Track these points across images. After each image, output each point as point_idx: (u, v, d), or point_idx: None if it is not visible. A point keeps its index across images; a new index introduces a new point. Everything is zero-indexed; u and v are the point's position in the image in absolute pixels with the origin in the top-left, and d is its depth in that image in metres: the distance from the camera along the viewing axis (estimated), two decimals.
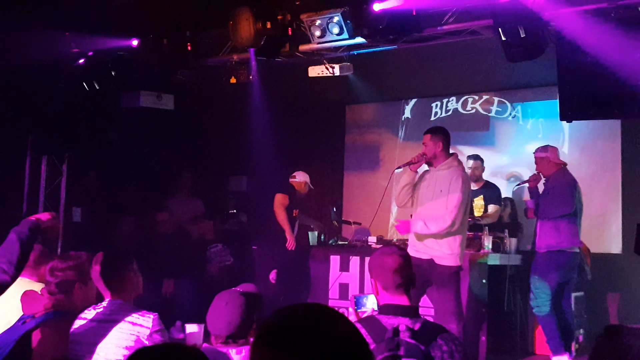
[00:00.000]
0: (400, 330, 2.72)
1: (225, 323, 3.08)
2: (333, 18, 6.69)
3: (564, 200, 6.57)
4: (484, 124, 9.16)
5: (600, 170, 8.22)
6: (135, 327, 3.41)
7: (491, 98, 9.13)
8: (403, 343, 2.68)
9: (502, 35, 5.83)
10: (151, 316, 3.47)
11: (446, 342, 2.75)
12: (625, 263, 7.73)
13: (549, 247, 6.54)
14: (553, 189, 6.66)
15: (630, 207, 7.83)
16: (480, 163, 8.04)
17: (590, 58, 5.49)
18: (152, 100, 8.57)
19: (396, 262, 2.95)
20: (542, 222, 6.67)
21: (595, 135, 8.27)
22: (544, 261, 6.56)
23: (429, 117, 9.52)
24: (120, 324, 3.43)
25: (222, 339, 3.09)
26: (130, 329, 3.41)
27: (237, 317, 3.08)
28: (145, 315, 3.47)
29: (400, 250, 3.06)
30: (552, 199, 6.62)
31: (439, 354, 2.71)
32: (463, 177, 6.00)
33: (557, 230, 6.54)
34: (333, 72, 7.55)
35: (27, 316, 3.57)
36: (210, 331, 3.17)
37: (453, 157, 6.12)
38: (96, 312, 3.51)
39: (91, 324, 3.47)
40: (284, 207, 7.82)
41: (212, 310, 3.16)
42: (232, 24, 6.99)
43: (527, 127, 8.84)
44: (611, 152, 8.18)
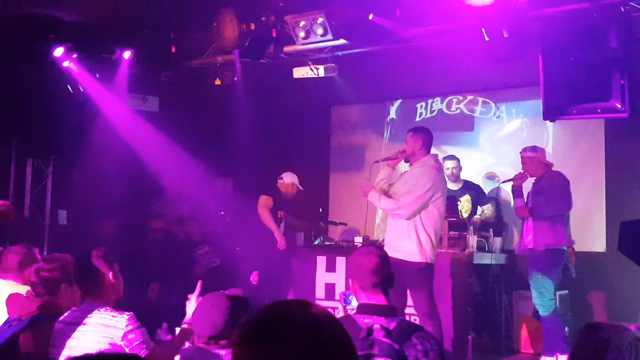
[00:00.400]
0: (374, 329, 2.72)
1: (209, 324, 3.08)
2: (317, 19, 6.71)
3: (564, 199, 6.60)
4: (469, 124, 9.20)
5: (584, 169, 8.27)
6: (109, 329, 3.37)
7: (475, 98, 9.17)
8: (377, 342, 2.68)
9: (485, 36, 5.86)
10: (125, 316, 3.43)
11: (421, 341, 2.74)
12: (609, 261, 7.78)
13: (548, 246, 6.53)
14: (550, 188, 6.65)
15: (614, 205, 7.89)
16: (457, 163, 8.08)
17: (574, 58, 5.53)
18: (137, 102, 8.56)
19: (372, 262, 2.96)
20: (538, 222, 6.63)
21: (579, 135, 8.33)
22: (544, 259, 6.54)
23: (414, 118, 9.55)
24: (94, 327, 3.39)
25: (205, 339, 3.09)
26: (103, 331, 3.37)
27: (222, 319, 3.08)
28: (118, 316, 3.43)
29: (377, 249, 3.06)
30: (549, 198, 6.61)
31: (414, 353, 2.71)
32: (433, 176, 5.97)
33: (554, 229, 6.55)
34: (318, 73, 7.57)
35: (12, 319, 3.55)
36: (195, 332, 3.17)
37: (430, 156, 6.12)
38: (74, 315, 3.47)
39: (66, 326, 3.43)
40: (267, 208, 7.84)
41: (198, 311, 3.17)
42: (216, 26, 7.00)
43: (511, 127, 8.89)
44: (595, 151, 8.23)
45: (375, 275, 2.93)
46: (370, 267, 2.94)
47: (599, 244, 8.03)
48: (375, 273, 2.94)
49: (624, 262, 6.12)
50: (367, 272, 2.94)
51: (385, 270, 2.97)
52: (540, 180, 6.78)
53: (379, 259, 2.98)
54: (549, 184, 6.70)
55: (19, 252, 4.37)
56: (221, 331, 3.08)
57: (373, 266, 2.94)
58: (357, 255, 3.05)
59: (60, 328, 3.46)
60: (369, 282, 2.94)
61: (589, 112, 5.93)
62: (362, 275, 2.95)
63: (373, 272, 2.94)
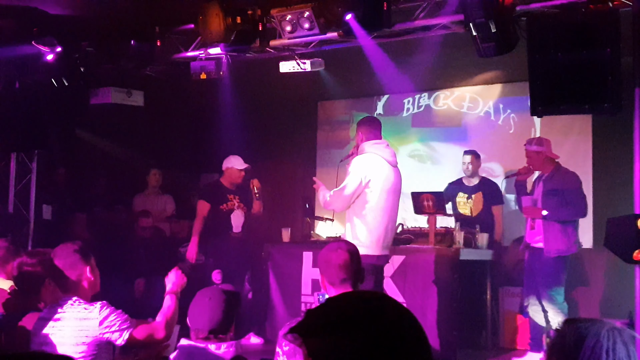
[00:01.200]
0: None
1: (208, 318, 3.08)
2: (304, 13, 6.66)
3: (581, 204, 6.49)
4: (456, 120, 9.20)
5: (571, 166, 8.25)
6: (84, 322, 3.35)
7: (463, 94, 9.16)
8: None
9: (473, 30, 5.83)
10: (97, 305, 3.41)
11: None
12: (596, 258, 7.80)
13: (560, 252, 6.42)
14: (565, 190, 6.48)
15: (601, 201, 7.89)
16: (475, 158, 7.97)
17: (561, 53, 5.51)
18: (122, 97, 8.50)
19: (340, 258, 2.94)
20: (549, 224, 6.47)
21: (567, 131, 8.33)
22: (555, 267, 6.44)
23: (401, 113, 9.54)
24: (69, 321, 3.36)
25: (205, 333, 3.08)
26: (78, 325, 3.34)
27: (220, 312, 3.09)
28: (90, 307, 3.41)
29: (346, 245, 3.04)
30: (565, 202, 6.46)
31: None
32: (355, 164, 5.64)
33: (566, 234, 6.42)
34: (304, 68, 7.52)
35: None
36: (191, 326, 3.15)
37: (366, 142, 5.76)
38: (52, 311, 3.43)
39: (44, 322, 3.40)
40: (200, 216, 7.63)
41: (194, 306, 3.15)
42: (201, 19, 6.93)
43: (498, 123, 8.89)
44: (582, 147, 8.25)
45: (344, 271, 2.91)
46: (338, 263, 2.92)
47: (586, 240, 8.02)
48: (344, 268, 2.91)
49: (611, 258, 6.15)
50: (335, 268, 2.92)
51: (354, 265, 2.95)
52: (552, 178, 6.57)
53: (348, 254, 2.95)
54: (564, 185, 6.49)
55: (1, 247, 4.33)
56: (219, 324, 3.09)
57: (341, 262, 2.92)
58: (326, 250, 3.03)
59: (38, 324, 3.42)
60: (337, 277, 2.92)
61: (576, 109, 5.92)
62: (331, 270, 2.93)
63: (341, 267, 2.92)
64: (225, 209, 7.64)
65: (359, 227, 5.60)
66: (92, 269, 3.55)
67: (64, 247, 3.54)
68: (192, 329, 3.15)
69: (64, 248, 3.53)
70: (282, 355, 2.83)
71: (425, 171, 9.29)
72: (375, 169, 5.65)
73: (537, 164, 6.64)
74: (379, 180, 5.64)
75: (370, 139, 5.78)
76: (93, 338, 3.32)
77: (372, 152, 5.71)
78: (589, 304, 7.78)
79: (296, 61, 7.51)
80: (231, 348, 3.05)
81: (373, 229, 5.59)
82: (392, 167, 5.78)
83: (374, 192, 5.61)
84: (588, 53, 5.42)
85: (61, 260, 3.48)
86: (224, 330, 3.12)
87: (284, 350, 2.82)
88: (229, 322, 3.15)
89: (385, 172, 5.69)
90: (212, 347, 3.05)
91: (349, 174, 5.67)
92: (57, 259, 3.49)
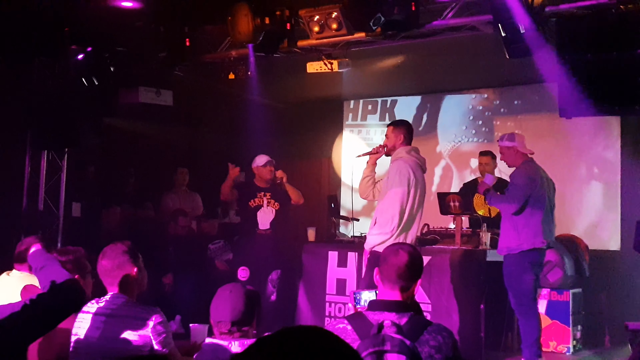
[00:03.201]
0: (385, 325, 2.69)
1: (230, 308, 3.10)
2: (332, 13, 6.68)
3: (512, 197, 6.20)
4: (486, 120, 9.15)
5: (599, 167, 8.22)
6: (139, 322, 3.41)
7: (492, 94, 9.12)
8: (388, 338, 2.65)
9: (502, 31, 5.82)
10: (153, 310, 3.48)
11: (433, 336, 2.73)
12: (623, 260, 7.73)
13: (510, 250, 6.22)
14: (510, 184, 6.35)
15: (629, 204, 7.83)
16: (491, 159, 7.93)
17: (591, 54, 5.48)
18: (151, 96, 8.57)
19: (400, 260, 2.92)
20: (502, 222, 6.35)
21: (595, 132, 8.27)
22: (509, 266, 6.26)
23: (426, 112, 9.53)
24: (123, 319, 3.42)
25: (227, 325, 3.10)
26: (133, 324, 3.41)
27: (241, 303, 3.11)
28: (148, 310, 3.48)
29: (410, 248, 3.01)
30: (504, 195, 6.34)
31: (427, 349, 2.69)
32: (401, 168, 5.87)
33: (515, 230, 6.20)
34: (331, 68, 7.54)
35: None
36: (213, 320, 3.18)
37: (403, 147, 5.99)
38: (99, 307, 3.50)
39: (95, 318, 3.46)
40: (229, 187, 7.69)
41: (216, 299, 3.18)
42: (230, 20, 6.98)
43: (525, 124, 8.83)
44: (610, 149, 8.18)
45: (397, 274, 2.89)
46: (396, 264, 2.91)
47: (613, 243, 7.99)
48: (399, 271, 2.90)
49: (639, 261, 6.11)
50: (392, 268, 2.91)
51: (411, 270, 2.91)
52: (514, 172, 6.40)
53: (409, 257, 2.93)
54: (513, 180, 6.33)
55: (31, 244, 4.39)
56: (242, 315, 3.11)
57: (399, 263, 2.91)
58: (390, 248, 3.03)
59: (86, 319, 3.47)
60: (388, 277, 2.91)
61: (606, 110, 5.88)
62: (387, 269, 2.92)
63: (398, 269, 2.90)
64: (252, 205, 7.68)
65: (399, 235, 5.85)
66: (140, 270, 3.61)
67: (114, 247, 3.59)
68: (214, 322, 3.16)
69: (114, 248, 3.58)
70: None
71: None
72: (416, 174, 5.93)
73: (510, 159, 6.45)
74: (417, 185, 5.92)
75: (408, 144, 6.03)
76: (141, 340, 3.38)
77: (411, 157, 5.96)
78: (615, 306, 7.71)
79: (323, 62, 7.53)
80: None
81: (407, 231, 5.89)
82: (423, 172, 6.09)
83: (412, 196, 5.87)
84: (618, 54, 5.39)
85: (110, 260, 3.53)
86: (247, 322, 3.14)
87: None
88: (251, 314, 3.16)
89: (419, 177, 5.98)
90: (235, 345, 3.07)
91: (395, 180, 5.87)
92: (106, 259, 3.54)
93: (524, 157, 6.38)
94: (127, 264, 3.56)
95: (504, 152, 6.46)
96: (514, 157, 6.39)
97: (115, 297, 3.51)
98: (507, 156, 6.44)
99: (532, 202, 6.20)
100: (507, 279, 6.32)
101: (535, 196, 6.20)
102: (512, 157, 6.40)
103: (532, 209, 6.19)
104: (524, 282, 6.21)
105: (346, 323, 2.83)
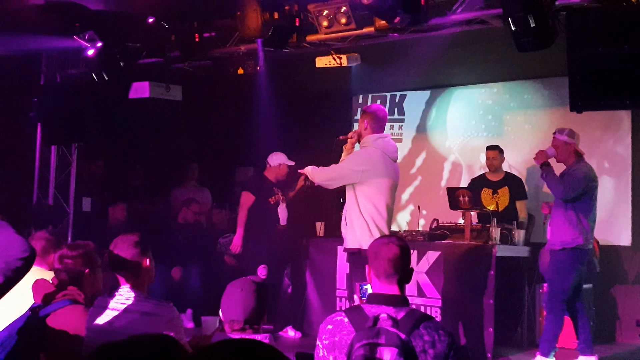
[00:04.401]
0: (380, 318, 2.70)
1: (242, 307, 3.11)
2: (341, 8, 6.67)
3: (569, 184, 6.19)
4: (494, 115, 9.11)
5: (610, 162, 8.18)
6: (151, 317, 3.42)
7: (501, 88, 9.09)
8: (383, 331, 2.65)
9: (512, 25, 5.78)
10: (167, 304, 3.49)
11: (428, 331, 2.71)
12: (634, 255, 7.70)
13: (565, 244, 6.25)
14: (567, 175, 6.32)
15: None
16: (499, 153, 7.90)
17: (602, 48, 5.44)
18: (161, 92, 8.59)
19: (391, 252, 2.92)
20: (555, 215, 6.36)
21: (606, 127, 8.23)
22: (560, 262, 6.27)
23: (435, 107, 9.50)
24: (138, 314, 3.43)
25: (240, 324, 3.11)
26: (147, 318, 3.42)
27: (253, 301, 3.13)
28: (161, 304, 3.49)
29: (398, 240, 3.01)
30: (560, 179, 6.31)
31: (420, 344, 2.68)
32: (368, 157, 5.68)
33: (570, 224, 6.23)
34: (340, 63, 7.53)
35: (38, 305, 3.58)
36: (225, 319, 3.18)
37: (370, 136, 5.76)
38: (112, 301, 3.50)
39: (108, 312, 3.47)
40: (245, 207, 7.70)
41: (227, 298, 3.18)
42: (239, 15, 6.98)
43: (535, 118, 8.80)
44: (621, 143, 8.14)
45: (392, 266, 2.90)
46: (388, 257, 2.91)
47: (624, 238, 7.95)
48: (392, 263, 2.90)
49: None
50: (384, 261, 2.90)
51: (403, 262, 2.93)
52: (569, 169, 6.40)
53: (399, 249, 2.93)
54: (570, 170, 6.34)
55: (42, 238, 4.42)
56: (254, 314, 3.12)
57: (391, 256, 2.91)
58: (378, 243, 3.02)
59: (100, 313, 3.48)
60: (383, 271, 2.90)
61: (617, 104, 5.85)
62: (379, 263, 2.92)
63: (390, 261, 2.90)
64: (273, 202, 7.72)
65: (355, 220, 5.66)
66: (150, 261, 3.62)
67: (125, 238, 3.60)
68: (226, 321, 3.17)
69: (125, 239, 3.59)
70: (322, 349, 2.85)
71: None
72: (377, 165, 5.67)
73: (563, 155, 6.42)
74: (379, 176, 5.67)
75: (375, 132, 5.77)
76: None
77: (376, 146, 5.71)
78: (626, 302, 7.69)
79: (332, 56, 7.52)
80: (265, 340, 3.08)
81: (369, 224, 5.62)
82: (393, 162, 5.82)
83: (372, 187, 5.65)
84: (629, 47, 5.35)
85: (121, 252, 3.55)
86: (258, 320, 3.15)
87: (323, 343, 2.84)
88: (262, 311, 3.18)
89: (386, 168, 5.71)
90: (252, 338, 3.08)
91: (347, 159, 5.80)
92: (116, 251, 3.56)
93: (577, 156, 6.40)
94: (138, 255, 3.57)
95: (560, 146, 6.40)
96: (567, 153, 6.38)
97: (127, 291, 3.52)
98: (562, 151, 6.40)
99: (586, 200, 6.29)
100: (551, 272, 6.36)
101: (590, 195, 6.30)
102: (566, 153, 6.39)
103: (586, 207, 6.28)
104: (567, 280, 6.24)
105: (343, 315, 2.84)
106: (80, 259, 3.72)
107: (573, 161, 6.39)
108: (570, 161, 6.40)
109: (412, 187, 9.58)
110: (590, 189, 6.31)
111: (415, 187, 9.57)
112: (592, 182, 6.34)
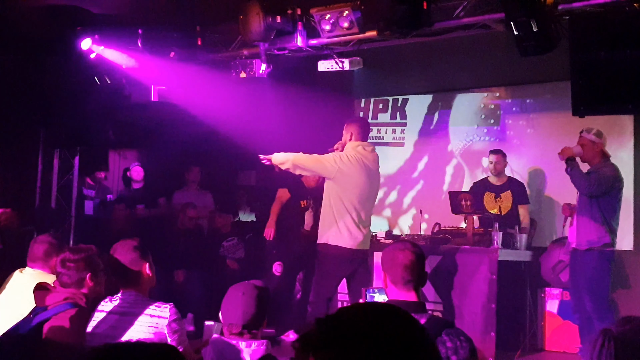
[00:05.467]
0: None
1: (242, 312, 3.10)
2: (343, 12, 6.67)
3: (595, 181, 6.21)
4: (496, 119, 9.11)
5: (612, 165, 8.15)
6: (154, 319, 3.43)
7: (503, 93, 9.08)
8: None
9: (514, 29, 5.78)
10: (168, 306, 3.52)
11: (451, 338, 2.72)
12: (636, 260, 7.69)
13: (591, 243, 6.26)
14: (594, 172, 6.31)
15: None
16: (502, 157, 7.91)
17: (604, 52, 5.44)
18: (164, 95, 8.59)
19: (407, 258, 2.92)
20: (579, 216, 6.35)
21: (607, 131, 8.20)
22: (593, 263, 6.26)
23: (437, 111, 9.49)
24: (139, 316, 3.44)
25: (238, 328, 3.10)
26: (149, 321, 3.43)
27: (253, 307, 3.11)
28: (162, 306, 3.51)
29: (413, 246, 3.02)
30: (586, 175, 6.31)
31: (443, 350, 2.68)
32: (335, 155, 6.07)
33: (596, 222, 6.24)
34: (343, 67, 7.53)
35: (40, 308, 3.58)
36: (224, 321, 3.18)
37: (351, 143, 6.18)
38: (113, 305, 3.51)
39: (109, 316, 3.48)
40: (279, 200, 7.85)
41: (228, 300, 3.18)
42: (242, 19, 6.99)
43: (537, 123, 8.79)
44: (624, 147, 8.12)
45: (408, 272, 2.90)
46: (404, 263, 2.91)
47: (626, 242, 7.92)
48: (408, 269, 2.90)
49: None
50: (400, 268, 2.90)
51: (419, 267, 2.93)
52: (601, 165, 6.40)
53: (414, 255, 2.93)
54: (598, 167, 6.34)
55: (44, 242, 4.42)
56: (253, 318, 3.11)
57: (407, 262, 2.91)
58: (393, 249, 3.02)
59: (101, 317, 3.49)
60: (400, 277, 2.90)
61: (619, 108, 5.84)
62: (395, 270, 2.92)
63: (406, 268, 2.90)
64: (303, 205, 7.78)
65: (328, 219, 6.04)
66: (150, 265, 3.63)
67: (124, 243, 3.62)
68: (225, 324, 3.17)
69: (124, 245, 3.61)
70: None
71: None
72: (352, 167, 6.03)
73: (589, 154, 6.43)
74: (353, 178, 6.04)
75: (357, 140, 6.16)
76: (157, 335, 3.40)
77: (354, 154, 6.06)
78: (629, 307, 7.66)
79: (334, 60, 7.52)
80: (262, 346, 3.06)
81: (340, 222, 5.97)
82: (372, 170, 6.17)
83: (345, 188, 6.01)
84: (631, 52, 5.35)
85: (121, 257, 3.56)
86: (257, 326, 3.14)
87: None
88: (262, 317, 3.17)
89: (360, 173, 6.06)
90: (243, 345, 3.06)
91: (329, 155, 6.14)
92: (116, 255, 3.57)
93: (604, 156, 6.41)
94: (138, 260, 3.59)
95: (588, 145, 6.41)
96: (594, 153, 6.41)
97: (128, 294, 3.53)
98: (588, 150, 6.41)
99: (611, 200, 6.33)
100: (585, 281, 6.31)
101: (615, 195, 6.33)
102: (592, 152, 6.41)
103: (611, 207, 6.32)
104: (604, 284, 6.26)
105: None
106: (83, 262, 3.72)
107: (598, 161, 6.39)
108: (596, 161, 6.41)
109: (414, 191, 9.57)
110: (615, 189, 6.32)
111: (417, 191, 9.56)
112: (619, 182, 6.34)
